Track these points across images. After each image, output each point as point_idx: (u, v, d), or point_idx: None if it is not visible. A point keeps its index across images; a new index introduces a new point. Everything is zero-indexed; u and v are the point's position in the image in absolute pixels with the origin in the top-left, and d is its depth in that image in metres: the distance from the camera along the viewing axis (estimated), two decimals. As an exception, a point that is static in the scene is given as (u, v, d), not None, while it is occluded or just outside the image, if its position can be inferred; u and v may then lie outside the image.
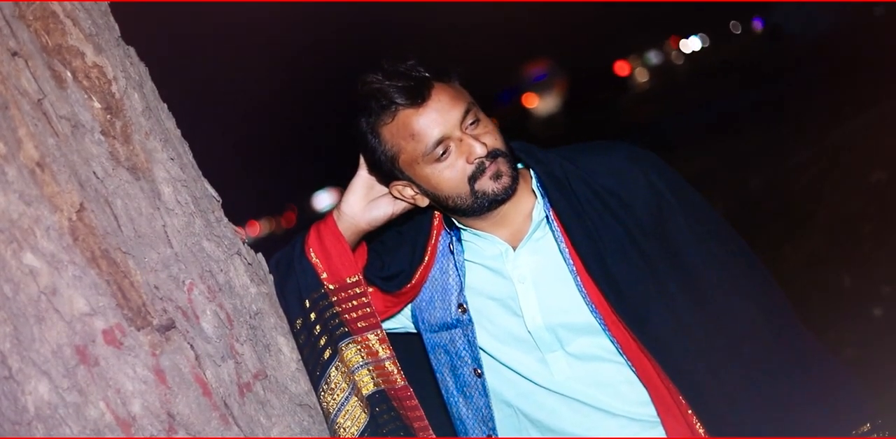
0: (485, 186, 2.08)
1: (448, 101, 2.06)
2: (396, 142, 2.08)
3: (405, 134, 2.06)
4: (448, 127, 2.05)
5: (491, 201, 2.10)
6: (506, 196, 2.10)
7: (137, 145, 1.88)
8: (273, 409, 1.95)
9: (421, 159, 2.07)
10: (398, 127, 2.06)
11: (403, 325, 2.41)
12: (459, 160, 2.07)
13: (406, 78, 2.04)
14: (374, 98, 2.06)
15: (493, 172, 2.07)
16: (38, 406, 1.65)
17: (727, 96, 17.64)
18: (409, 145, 2.07)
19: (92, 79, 1.84)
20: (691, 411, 2.02)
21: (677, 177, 2.16)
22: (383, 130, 2.08)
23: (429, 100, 2.04)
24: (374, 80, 2.05)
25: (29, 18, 1.78)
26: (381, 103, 2.05)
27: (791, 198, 8.06)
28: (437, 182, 2.10)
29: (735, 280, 2.08)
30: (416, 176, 2.12)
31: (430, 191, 2.14)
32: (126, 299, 1.73)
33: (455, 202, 2.11)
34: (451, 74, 2.11)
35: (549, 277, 2.15)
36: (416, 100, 2.03)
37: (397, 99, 2.03)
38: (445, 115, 2.05)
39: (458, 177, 2.08)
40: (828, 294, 5.60)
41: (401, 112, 2.05)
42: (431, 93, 2.05)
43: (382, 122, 2.07)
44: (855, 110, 9.58)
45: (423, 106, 2.04)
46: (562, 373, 2.16)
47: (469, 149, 2.06)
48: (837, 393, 2.08)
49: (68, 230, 1.68)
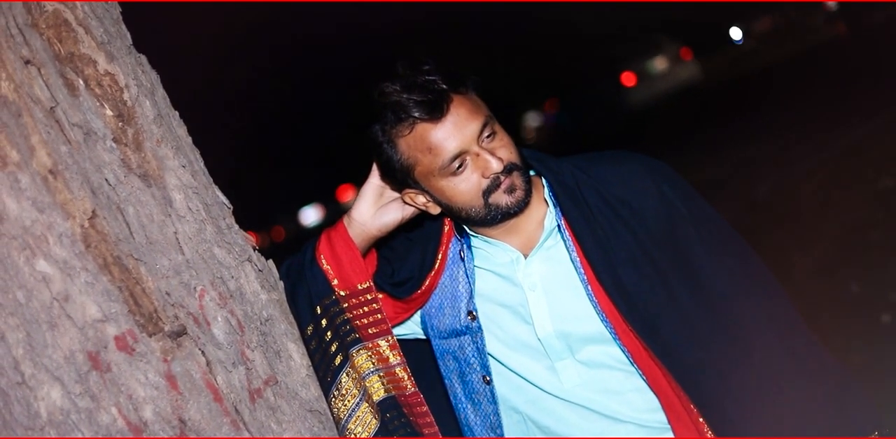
0: (499, 200, 2.08)
1: (466, 114, 2.05)
2: (413, 154, 2.08)
3: (422, 147, 2.06)
4: (465, 141, 2.04)
5: (504, 214, 2.10)
6: (519, 209, 2.10)
7: (149, 152, 1.89)
8: (283, 415, 1.95)
9: (437, 172, 2.07)
10: (415, 139, 2.06)
11: (413, 332, 2.41)
12: (475, 174, 2.07)
13: (424, 90, 2.03)
14: (391, 109, 2.05)
15: (508, 186, 2.08)
16: (50, 411, 1.65)
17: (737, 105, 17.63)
18: (426, 158, 2.06)
19: (104, 86, 1.85)
20: (702, 419, 2.02)
21: (688, 188, 2.16)
22: (400, 141, 2.08)
23: (447, 114, 2.03)
24: (392, 91, 2.04)
25: (42, 27, 1.79)
26: (399, 116, 2.04)
27: (799, 204, 8.06)
28: (452, 195, 2.10)
29: (745, 290, 2.08)
30: (430, 187, 2.12)
31: (443, 202, 2.14)
32: (138, 305, 1.74)
33: (468, 213, 2.12)
34: (468, 85, 2.10)
35: (559, 285, 2.15)
36: (435, 114, 2.02)
37: (415, 113, 2.02)
38: (463, 130, 2.04)
39: (473, 190, 2.08)
40: (836, 301, 5.59)
41: (419, 125, 2.04)
42: (450, 107, 2.04)
43: (399, 134, 2.07)
44: (862, 117, 9.58)
45: (442, 120, 2.03)
46: (571, 381, 2.16)
47: (485, 165, 2.05)
48: (846, 401, 2.08)
49: (81, 237, 1.69)
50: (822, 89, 13.79)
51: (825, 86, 14.03)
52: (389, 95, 2.04)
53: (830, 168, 8.62)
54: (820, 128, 10.54)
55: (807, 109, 12.59)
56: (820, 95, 13.24)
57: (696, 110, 19.44)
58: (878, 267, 5.88)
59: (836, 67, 15.90)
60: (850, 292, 5.69)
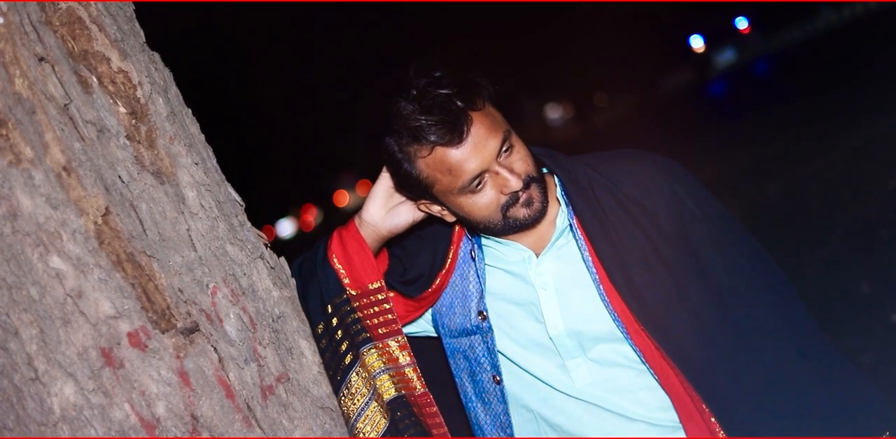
0: (517, 214, 2.08)
1: (485, 133, 2.02)
2: (432, 173, 2.06)
3: (442, 168, 2.04)
4: (486, 161, 2.02)
5: (521, 225, 2.11)
6: (536, 221, 2.11)
7: (162, 150, 1.89)
8: (295, 412, 1.95)
9: (456, 191, 2.06)
10: (434, 161, 2.04)
11: (424, 329, 2.41)
12: (493, 191, 2.06)
13: (442, 111, 1.99)
14: (409, 132, 2.02)
15: (526, 200, 2.07)
16: (63, 407, 1.66)
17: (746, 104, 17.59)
18: (446, 179, 2.05)
19: (117, 84, 1.85)
20: (714, 418, 2.02)
21: (700, 187, 2.16)
22: (419, 161, 2.06)
23: (467, 136, 2.00)
24: (409, 113, 2.01)
25: (55, 24, 1.79)
26: (419, 139, 2.02)
27: (809, 204, 8.04)
28: (471, 210, 2.10)
29: (757, 289, 2.08)
30: (448, 202, 2.12)
31: (460, 215, 2.14)
32: (151, 302, 1.74)
33: (486, 226, 2.12)
34: (484, 98, 2.06)
35: (571, 284, 2.15)
36: (455, 138, 2.00)
37: (434, 137, 2.00)
38: (483, 150, 2.02)
39: (491, 206, 2.07)
40: (846, 300, 5.57)
41: (438, 148, 2.02)
42: (470, 128, 2.01)
43: (418, 154, 2.04)
44: (872, 117, 9.56)
45: (461, 143, 2.01)
46: (582, 379, 2.16)
47: (504, 183, 2.04)
48: (857, 401, 2.07)
49: (94, 233, 1.70)
50: (832, 88, 13.77)
51: (835, 84, 14.00)
52: (407, 118, 2.01)
53: (840, 167, 8.60)
54: (830, 127, 10.52)
55: (817, 108, 12.57)
56: (830, 94, 13.22)
57: (704, 108, 19.41)
58: (888, 266, 5.86)
59: (848, 65, 15.86)
60: (861, 292, 5.67)
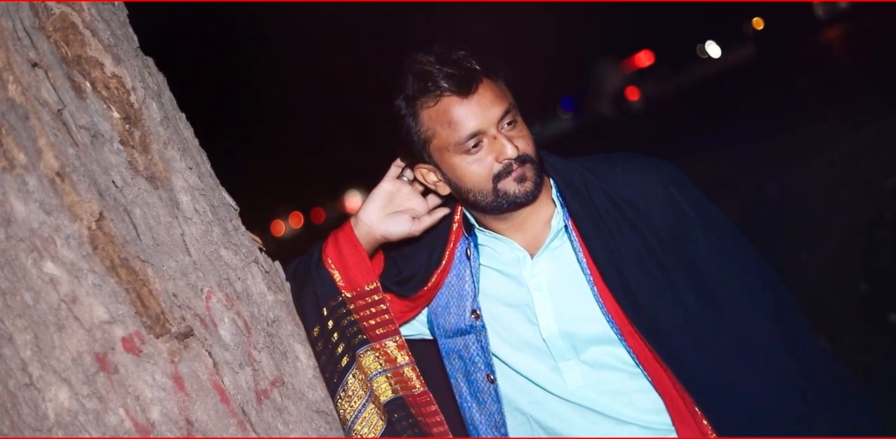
0: (507, 187, 2.09)
1: (491, 97, 2.07)
2: (433, 125, 2.10)
3: (443, 120, 2.08)
4: (486, 122, 2.06)
5: (511, 203, 2.11)
6: (526, 200, 2.11)
7: (156, 154, 1.89)
8: (290, 416, 1.95)
9: (452, 147, 2.09)
10: (438, 112, 2.08)
11: (419, 332, 2.41)
12: (489, 157, 2.08)
13: (457, 66, 2.06)
14: (420, 79, 2.07)
15: (519, 175, 2.09)
16: (58, 412, 1.66)
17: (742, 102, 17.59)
18: (444, 131, 2.08)
19: (111, 89, 1.86)
20: (706, 421, 2.03)
21: (696, 190, 2.17)
22: (423, 112, 2.10)
23: (474, 93, 2.06)
24: (425, 61, 2.07)
25: (49, 29, 1.80)
26: (428, 86, 2.07)
27: (806, 204, 8.04)
28: (463, 173, 2.11)
29: (751, 293, 2.09)
30: (443, 162, 2.13)
31: (453, 181, 2.15)
32: (145, 307, 1.74)
33: (476, 197, 2.13)
34: (499, 73, 2.12)
35: (565, 286, 2.15)
36: (463, 89, 2.05)
37: (444, 84, 2.05)
38: (486, 111, 2.06)
39: (483, 173, 2.09)
40: (844, 300, 5.58)
41: (444, 98, 2.07)
42: (478, 87, 2.06)
43: (424, 104, 2.09)
44: (869, 116, 9.55)
45: (468, 97, 2.06)
46: (575, 382, 2.16)
47: (500, 149, 2.07)
48: (849, 404, 2.08)
49: (88, 239, 1.70)
50: (830, 88, 13.76)
51: (833, 84, 14.00)
52: (422, 64, 2.07)
53: (838, 167, 8.60)
54: (828, 127, 10.51)
55: (815, 108, 12.56)
56: (828, 94, 13.22)
57: (702, 107, 19.39)
58: (886, 266, 5.86)
59: (844, 66, 15.86)
60: (859, 291, 5.67)
